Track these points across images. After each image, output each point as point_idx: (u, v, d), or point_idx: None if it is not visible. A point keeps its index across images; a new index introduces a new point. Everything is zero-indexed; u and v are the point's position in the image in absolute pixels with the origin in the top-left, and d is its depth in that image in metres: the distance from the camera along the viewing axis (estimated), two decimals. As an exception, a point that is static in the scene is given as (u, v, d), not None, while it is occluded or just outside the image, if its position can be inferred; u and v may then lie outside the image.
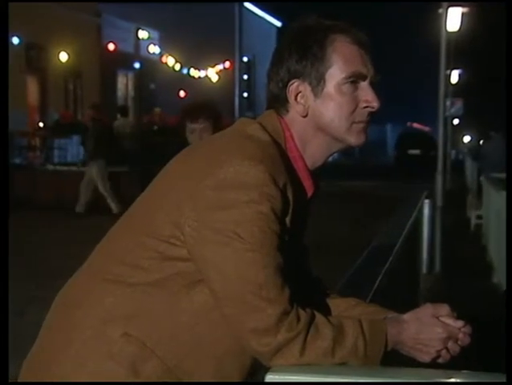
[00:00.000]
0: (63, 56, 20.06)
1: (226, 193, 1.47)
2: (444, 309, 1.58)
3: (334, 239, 10.67)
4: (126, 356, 1.50)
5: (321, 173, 1.68)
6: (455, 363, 1.57)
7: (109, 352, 1.51)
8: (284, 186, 1.51)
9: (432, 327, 1.56)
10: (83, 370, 1.52)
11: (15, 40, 18.01)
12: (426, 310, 1.58)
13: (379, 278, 2.68)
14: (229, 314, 1.49)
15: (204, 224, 1.48)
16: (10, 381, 2.15)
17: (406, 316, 1.59)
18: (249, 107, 32.54)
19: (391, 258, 3.28)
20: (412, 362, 1.57)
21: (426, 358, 1.56)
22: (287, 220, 1.52)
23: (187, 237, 1.50)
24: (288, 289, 1.48)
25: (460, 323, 1.58)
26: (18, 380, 1.66)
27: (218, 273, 1.47)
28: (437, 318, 1.58)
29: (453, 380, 1.44)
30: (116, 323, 1.52)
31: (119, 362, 1.50)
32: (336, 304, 1.73)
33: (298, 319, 1.48)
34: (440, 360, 1.57)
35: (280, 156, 1.56)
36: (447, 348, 1.57)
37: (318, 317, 1.51)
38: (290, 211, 1.53)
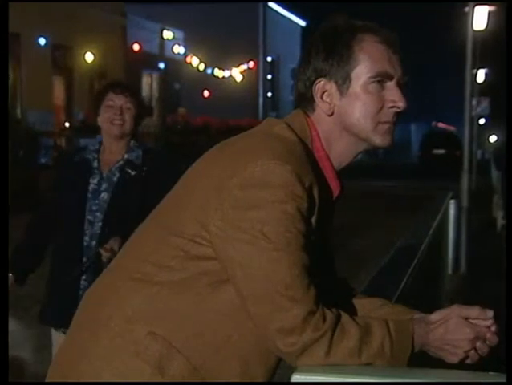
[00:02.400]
0: (89, 56, 20.20)
1: (252, 193, 1.47)
2: (474, 311, 1.56)
3: (359, 239, 10.63)
4: (152, 355, 1.51)
5: (345, 173, 1.67)
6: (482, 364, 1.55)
7: (135, 350, 1.51)
8: (310, 186, 1.50)
9: (459, 328, 1.54)
10: (109, 368, 1.53)
11: (42, 41, 18.18)
12: (454, 311, 1.56)
13: (405, 279, 2.66)
14: (254, 314, 1.49)
15: (230, 224, 1.48)
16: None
17: (433, 316, 1.58)
18: (273, 106, 32.54)
19: (416, 259, 3.26)
20: (439, 363, 1.55)
21: (454, 359, 1.55)
22: (313, 220, 1.52)
23: (212, 236, 1.50)
24: (314, 289, 1.48)
25: (488, 322, 1.56)
26: (47, 376, 1.67)
27: (244, 272, 1.47)
28: (466, 319, 1.56)
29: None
30: (142, 322, 1.53)
31: (145, 361, 1.51)
32: (362, 304, 1.72)
33: (324, 319, 1.47)
34: (468, 361, 1.56)
35: (306, 155, 1.56)
36: (475, 348, 1.55)
37: (345, 317, 1.51)
38: (316, 211, 1.53)
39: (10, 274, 3.06)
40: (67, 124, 18.78)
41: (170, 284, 1.53)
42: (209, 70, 27.07)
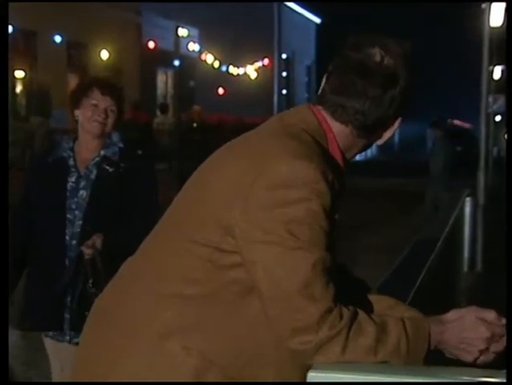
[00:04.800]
0: (104, 54, 20.28)
1: (278, 192, 1.47)
2: (491, 315, 1.56)
3: (373, 236, 10.60)
4: (188, 369, 1.50)
5: (359, 170, 1.69)
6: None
7: (171, 366, 1.51)
8: (332, 182, 1.51)
9: (475, 326, 1.54)
10: (145, 381, 1.52)
11: (57, 39, 18.28)
12: (471, 311, 1.56)
13: (422, 276, 2.65)
14: (272, 315, 1.48)
15: (255, 225, 1.47)
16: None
17: (450, 315, 1.57)
18: (288, 104, 32.49)
19: (432, 256, 3.25)
20: (453, 362, 1.54)
21: (469, 358, 1.55)
22: (335, 215, 1.52)
23: (237, 239, 1.49)
24: (333, 287, 1.48)
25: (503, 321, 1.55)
26: (73, 375, 1.66)
27: (266, 272, 1.47)
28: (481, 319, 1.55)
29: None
30: (175, 337, 1.52)
31: (181, 375, 1.51)
32: (377, 302, 1.72)
33: (341, 317, 1.47)
34: (482, 358, 1.55)
35: (325, 152, 1.57)
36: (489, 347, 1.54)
37: (361, 315, 1.51)
38: (337, 206, 1.53)
39: None
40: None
41: (199, 297, 1.52)
42: (223, 68, 27.08)
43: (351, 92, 1.58)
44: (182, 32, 24.03)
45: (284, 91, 32.76)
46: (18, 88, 17.93)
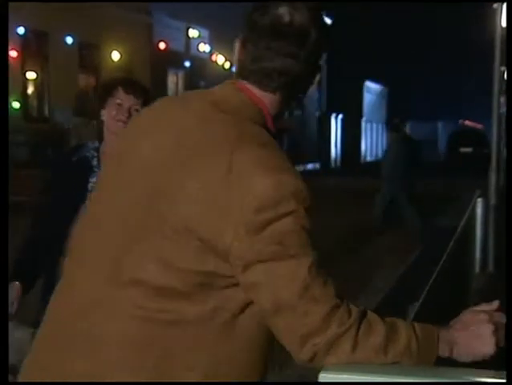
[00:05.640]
0: (115, 55, 20.34)
1: (266, 213, 1.45)
2: (482, 306, 1.56)
3: (384, 238, 10.58)
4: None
5: (370, 172, 1.69)
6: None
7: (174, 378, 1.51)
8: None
9: (475, 315, 1.53)
10: None
11: (69, 40, 18.35)
12: (465, 312, 1.56)
13: (433, 277, 2.65)
14: (281, 328, 1.47)
15: (247, 249, 1.45)
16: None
17: (451, 322, 1.57)
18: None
19: (444, 257, 3.24)
20: (454, 362, 1.54)
21: (488, 349, 1.51)
22: None
23: (232, 265, 1.47)
24: (331, 284, 1.48)
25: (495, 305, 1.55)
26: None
27: (267, 289, 1.46)
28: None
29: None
30: (176, 360, 1.49)
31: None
32: None
33: (350, 314, 1.46)
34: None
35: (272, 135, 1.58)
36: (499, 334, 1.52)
37: (370, 313, 1.50)
38: None
39: (17, 283, 2.85)
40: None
41: (198, 320, 1.50)
42: (234, 69, 27.10)
43: (270, 56, 1.60)
44: (193, 33, 24.10)
45: (295, 92, 32.73)
46: (30, 89, 18.00)
